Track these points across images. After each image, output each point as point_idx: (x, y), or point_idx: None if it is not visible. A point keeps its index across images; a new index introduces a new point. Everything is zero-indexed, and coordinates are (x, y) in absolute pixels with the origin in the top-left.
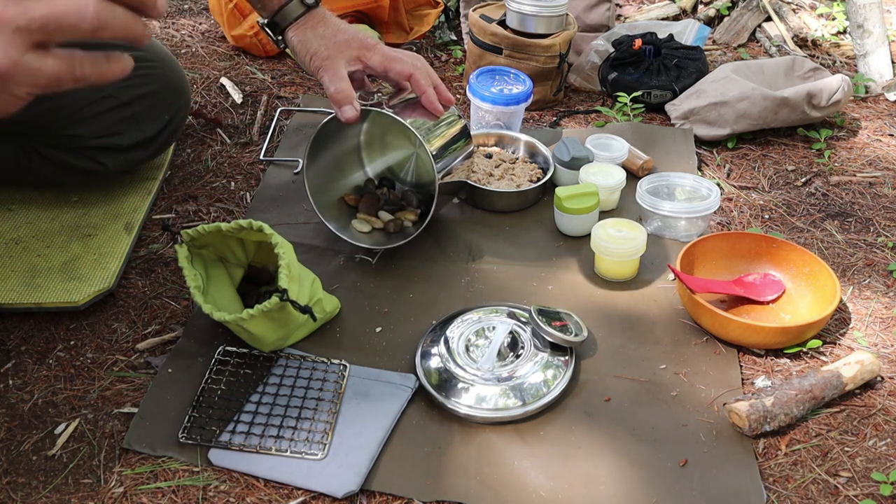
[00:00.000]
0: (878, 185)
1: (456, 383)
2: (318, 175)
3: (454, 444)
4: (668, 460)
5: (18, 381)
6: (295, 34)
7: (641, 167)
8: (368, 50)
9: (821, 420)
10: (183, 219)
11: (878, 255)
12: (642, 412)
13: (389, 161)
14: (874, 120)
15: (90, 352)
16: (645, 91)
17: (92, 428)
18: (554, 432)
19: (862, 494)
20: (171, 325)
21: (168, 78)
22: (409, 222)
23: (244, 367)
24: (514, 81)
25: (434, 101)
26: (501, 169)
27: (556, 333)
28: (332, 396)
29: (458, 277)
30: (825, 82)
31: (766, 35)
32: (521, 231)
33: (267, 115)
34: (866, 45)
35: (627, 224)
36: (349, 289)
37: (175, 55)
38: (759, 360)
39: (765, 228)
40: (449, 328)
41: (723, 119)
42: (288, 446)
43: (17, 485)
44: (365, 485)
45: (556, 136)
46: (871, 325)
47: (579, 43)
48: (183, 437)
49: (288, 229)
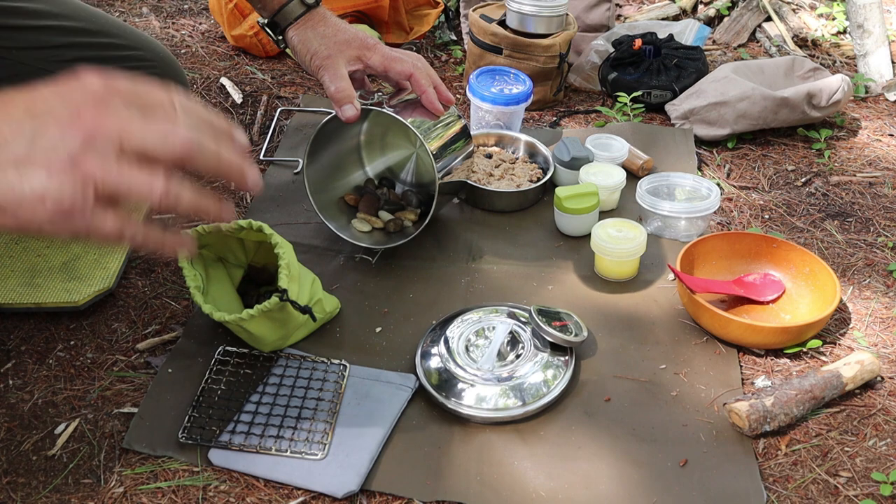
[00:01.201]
0: (878, 185)
1: (456, 383)
2: (318, 174)
3: (454, 444)
4: (668, 460)
5: (18, 381)
6: (295, 34)
7: (641, 167)
8: (369, 49)
9: (821, 420)
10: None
11: (878, 255)
12: (642, 412)
13: (389, 161)
14: (874, 120)
15: (90, 352)
16: (645, 91)
17: (92, 428)
18: (554, 432)
19: (862, 494)
20: (171, 325)
21: (168, 78)
22: (409, 222)
23: (244, 367)
24: (514, 81)
25: (434, 100)
26: (501, 169)
27: (556, 333)
28: (332, 396)
29: (458, 277)
30: (825, 82)
31: (766, 35)
32: (521, 231)
33: (267, 115)
34: (866, 45)
35: (627, 224)
36: (349, 289)
37: (175, 55)
38: (759, 360)
39: (765, 228)
40: (449, 328)
41: (723, 119)
42: (288, 446)
43: (17, 485)
44: (365, 485)
45: (556, 136)
46: (871, 325)
47: (579, 43)
48: (183, 437)
49: (288, 229)
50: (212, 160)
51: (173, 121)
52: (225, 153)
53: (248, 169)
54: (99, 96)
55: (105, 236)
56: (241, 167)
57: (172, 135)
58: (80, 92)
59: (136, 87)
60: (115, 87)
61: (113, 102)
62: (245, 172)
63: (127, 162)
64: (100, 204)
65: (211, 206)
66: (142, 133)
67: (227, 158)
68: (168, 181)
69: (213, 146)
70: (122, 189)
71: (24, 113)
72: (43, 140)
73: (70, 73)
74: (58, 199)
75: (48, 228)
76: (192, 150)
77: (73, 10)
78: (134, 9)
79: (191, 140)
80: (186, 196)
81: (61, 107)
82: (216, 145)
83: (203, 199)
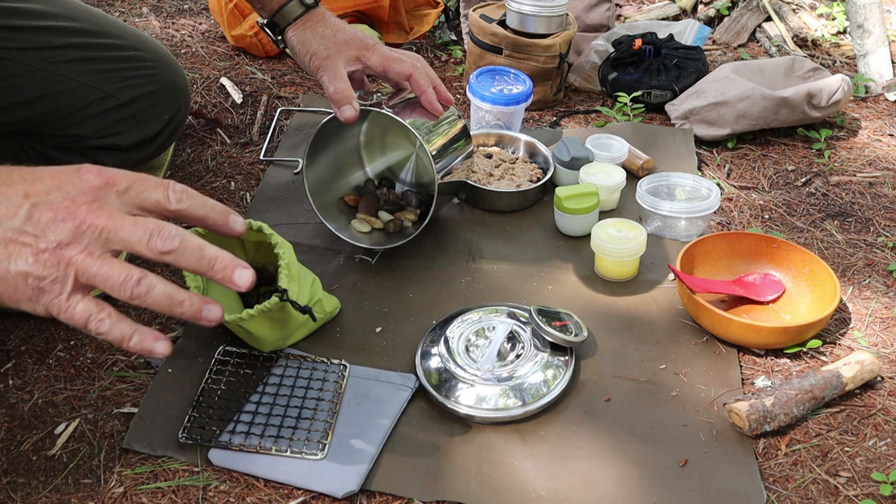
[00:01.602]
0: (878, 185)
1: (456, 383)
2: (318, 175)
3: (454, 444)
4: (668, 460)
5: (18, 381)
6: (294, 34)
7: (641, 167)
8: (368, 50)
9: (821, 420)
10: None
11: (878, 255)
12: (642, 412)
13: (389, 161)
14: (874, 120)
15: (90, 352)
16: (645, 91)
17: (92, 428)
18: (554, 432)
19: (862, 494)
20: (171, 324)
21: (168, 78)
22: (408, 222)
23: (244, 367)
24: (514, 81)
25: (433, 101)
26: (501, 169)
27: (556, 333)
28: (332, 396)
29: (458, 277)
30: (825, 82)
31: (766, 35)
32: (521, 231)
33: (267, 115)
34: (866, 45)
35: (627, 224)
36: (349, 289)
37: (175, 55)
38: (759, 360)
39: (765, 228)
40: (449, 328)
41: (723, 119)
42: (288, 446)
43: (17, 485)
44: (365, 485)
45: (556, 136)
46: (871, 325)
47: (579, 43)
48: (183, 437)
49: (288, 229)
50: (193, 257)
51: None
52: (209, 250)
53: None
54: (96, 192)
55: (73, 321)
56: (227, 263)
57: (157, 236)
58: (79, 185)
59: (133, 180)
60: (112, 183)
61: (108, 199)
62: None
63: (109, 254)
64: (77, 290)
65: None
66: (129, 232)
67: (211, 255)
68: (142, 277)
69: (196, 242)
70: (98, 277)
71: (22, 197)
72: (34, 224)
73: (73, 167)
74: (39, 280)
75: (26, 306)
76: (173, 247)
77: (73, 11)
78: (134, 9)
79: (175, 237)
80: (158, 290)
81: (58, 196)
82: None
83: (175, 294)
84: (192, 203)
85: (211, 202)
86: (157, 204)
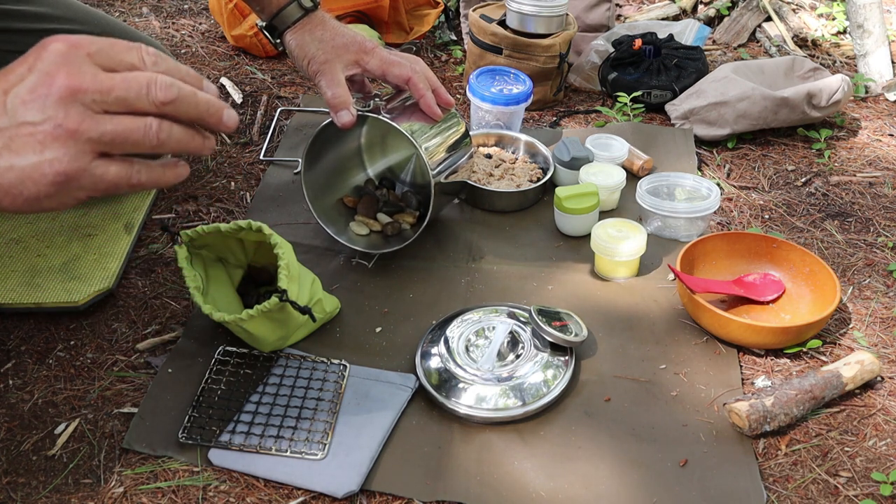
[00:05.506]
0: (878, 185)
1: (456, 383)
2: (316, 178)
3: (454, 444)
4: (668, 460)
5: (18, 381)
6: (293, 38)
7: (641, 167)
8: (366, 54)
9: (821, 420)
10: (183, 219)
11: (878, 255)
12: (642, 412)
13: (391, 161)
14: (874, 120)
15: (90, 352)
16: (645, 91)
17: (92, 428)
18: (554, 432)
19: (862, 494)
20: (171, 325)
21: None
22: (406, 225)
23: (244, 367)
24: (514, 81)
25: (432, 104)
26: (501, 169)
27: (556, 333)
28: (332, 396)
29: (458, 277)
30: (825, 82)
31: (766, 35)
32: (521, 231)
33: (267, 115)
34: (866, 45)
35: (627, 224)
36: (349, 289)
37: (175, 55)
38: (759, 360)
39: (765, 228)
40: (449, 328)
41: (723, 119)
42: (288, 446)
43: (17, 485)
44: (365, 485)
45: (556, 136)
46: (871, 325)
47: (579, 43)
48: (183, 437)
49: (288, 229)
50: (191, 103)
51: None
52: (202, 95)
53: (224, 107)
54: (66, 57)
55: (112, 186)
56: (219, 106)
57: (153, 82)
58: (48, 59)
59: (102, 44)
60: (79, 45)
61: (80, 62)
62: (222, 110)
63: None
64: (98, 157)
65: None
66: (124, 89)
67: (205, 99)
68: (159, 121)
69: (189, 89)
70: (117, 137)
71: (1, 93)
72: (23, 112)
73: (36, 45)
74: (57, 167)
75: (50, 203)
76: (174, 95)
77: (75, 13)
78: (134, 9)
79: (172, 85)
80: (177, 130)
81: (33, 77)
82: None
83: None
84: (167, 66)
85: (184, 68)
86: (132, 67)
